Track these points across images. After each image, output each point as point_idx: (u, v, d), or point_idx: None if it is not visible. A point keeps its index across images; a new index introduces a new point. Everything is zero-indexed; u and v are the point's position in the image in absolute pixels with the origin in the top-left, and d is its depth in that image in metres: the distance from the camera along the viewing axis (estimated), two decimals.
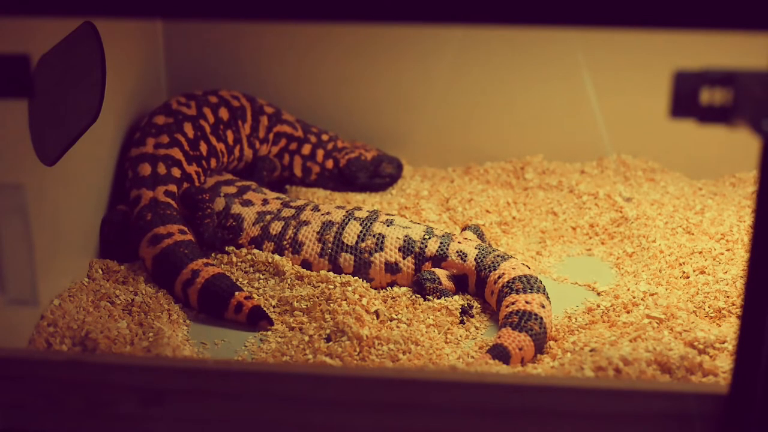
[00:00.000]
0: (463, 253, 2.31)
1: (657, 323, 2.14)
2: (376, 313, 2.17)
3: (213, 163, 2.70)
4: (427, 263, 2.33)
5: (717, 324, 2.17)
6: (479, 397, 1.49)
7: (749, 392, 1.37)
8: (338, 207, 2.48)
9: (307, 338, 2.09)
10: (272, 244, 2.43)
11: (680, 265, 2.39)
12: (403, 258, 2.34)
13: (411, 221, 2.44)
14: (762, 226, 1.31)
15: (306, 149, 2.90)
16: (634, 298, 2.25)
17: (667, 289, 2.30)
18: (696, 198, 2.81)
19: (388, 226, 2.38)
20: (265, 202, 2.54)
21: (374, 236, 2.36)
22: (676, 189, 2.87)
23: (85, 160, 2.33)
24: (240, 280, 2.35)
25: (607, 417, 1.48)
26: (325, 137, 2.94)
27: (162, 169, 2.52)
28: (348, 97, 3.05)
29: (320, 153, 2.91)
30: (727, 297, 2.22)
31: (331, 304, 2.17)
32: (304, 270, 2.38)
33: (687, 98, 1.26)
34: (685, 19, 1.21)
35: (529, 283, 2.18)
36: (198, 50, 3.05)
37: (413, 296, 2.29)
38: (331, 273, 2.35)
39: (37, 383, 1.53)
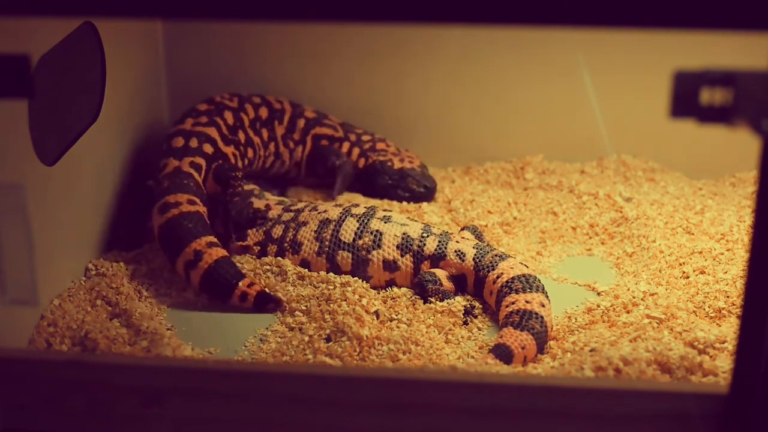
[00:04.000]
0: (462, 253, 2.29)
1: (657, 323, 2.14)
2: (376, 314, 2.17)
3: (250, 152, 2.75)
4: (425, 262, 2.32)
5: (717, 324, 2.17)
6: (479, 397, 1.49)
7: (749, 392, 1.37)
8: (336, 205, 2.47)
9: (306, 338, 2.09)
10: (275, 247, 2.43)
11: (680, 265, 2.39)
12: (402, 256, 2.32)
13: (408, 218, 2.42)
14: (762, 226, 1.31)
15: (345, 147, 2.92)
16: (634, 298, 2.25)
17: (667, 289, 2.30)
18: (696, 198, 2.81)
19: (385, 223, 2.36)
20: (267, 207, 2.53)
21: (372, 233, 2.34)
22: (676, 189, 2.87)
23: (85, 160, 2.33)
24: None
25: (607, 417, 1.48)
26: (365, 137, 2.95)
27: (194, 142, 2.57)
28: (348, 97, 3.05)
29: (355, 151, 2.93)
30: (727, 297, 2.22)
31: (331, 305, 2.17)
32: (305, 270, 2.37)
33: (687, 98, 1.26)
34: (685, 19, 1.21)
35: (528, 283, 2.17)
36: (198, 50, 3.05)
37: (413, 297, 2.28)
38: (331, 274, 2.35)
39: (37, 383, 1.53)
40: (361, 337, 2.04)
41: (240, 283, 2.24)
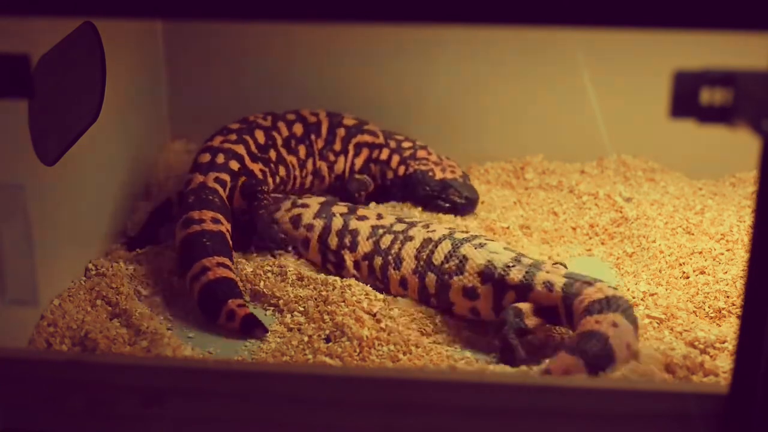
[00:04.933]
0: (550, 283, 2.08)
1: (657, 323, 2.15)
2: (375, 317, 2.16)
3: (282, 171, 2.73)
4: (510, 292, 2.13)
5: (717, 324, 2.17)
6: (479, 397, 1.49)
7: (749, 392, 1.37)
8: (448, 228, 2.35)
9: (306, 339, 2.09)
10: (380, 258, 2.34)
11: (680, 265, 2.39)
12: (482, 284, 2.16)
13: (505, 247, 2.25)
14: (762, 226, 1.31)
15: (384, 154, 2.86)
16: (634, 298, 2.25)
17: (667, 290, 2.30)
18: (696, 198, 2.81)
19: (476, 249, 2.21)
20: (379, 216, 2.45)
21: (458, 258, 2.21)
22: (676, 189, 2.87)
23: (85, 160, 2.33)
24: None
25: (607, 417, 1.48)
26: (406, 144, 2.88)
27: (220, 158, 2.58)
28: (347, 97, 3.05)
29: (396, 158, 2.85)
30: (727, 297, 2.22)
31: (330, 306, 2.17)
32: (305, 271, 2.37)
33: (687, 98, 1.26)
34: (685, 19, 1.21)
35: (607, 304, 1.96)
36: (198, 50, 3.05)
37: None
38: (331, 276, 2.33)
39: (37, 383, 1.53)
40: (361, 338, 2.04)
41: (230, 301, 2.18)
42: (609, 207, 2.76)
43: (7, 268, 1.59)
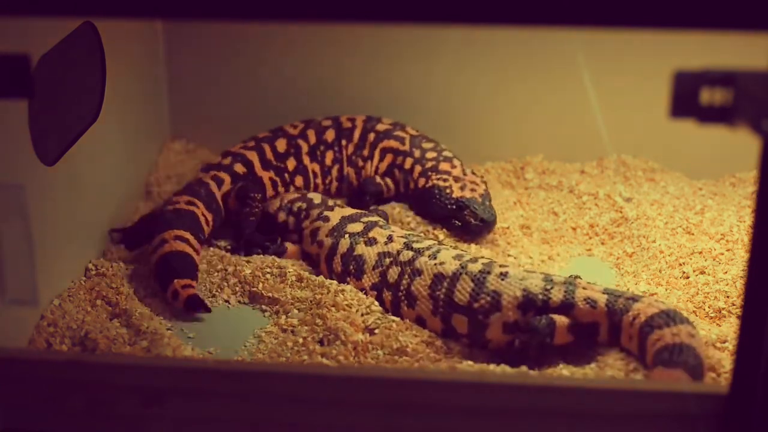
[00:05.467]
0: (592, 300, 2.02)
1: None
2: (369, 330, 2.12)
3: (298, 180, 2.77)
4: (550, 313, 2.04)
5: (717, 324, 2.17)
6: (479, 397, 1.49)
7: (749, 392, 1.37)
8: (455, 257, 2.18)
9: (300, 340, 2.09)
10: (390, 294, 2.22)
11: (680, 265, 2.39)
12: (524, 315, 2.04)
13: (526, 270, 2.15)
14: (762, 226, 1.31)
15: (407, 163, 2.79)
16: None
17: (667, 290, 2.30)
18: (696, 198, 2.81)
19: (502, 280, 2.08)
20: (389, 239, 2.32)
21: (488, 294, 2.07)
22: (676, 189, 2.87)
23: (85, 160, 2.33)
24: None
25: (607, 417, 1.48)
26: (430, 155, 2.78)
27: (227, 161, 2.69)
28: (346, 97, 3.05)
29: (417, 169, 2.76)
30: (727, 297, 2.22)
31: (321, 309, 2.17)
32: (305, 272, 2.36)
33: (687, 98, 1.26)
34: (685, 19, 1.21)
35: (670, 317, 1.93)
36: (198, 50, 3.05)
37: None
38: (328, 279, 2.31)
39: (37, 383, 1.53)
40: (356, 342, 2.03)
41: (176, 281, 2.23)
42: (609, 207, 2.76)
43: (7, 268, 1.59)
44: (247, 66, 3.06)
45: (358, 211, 2.53)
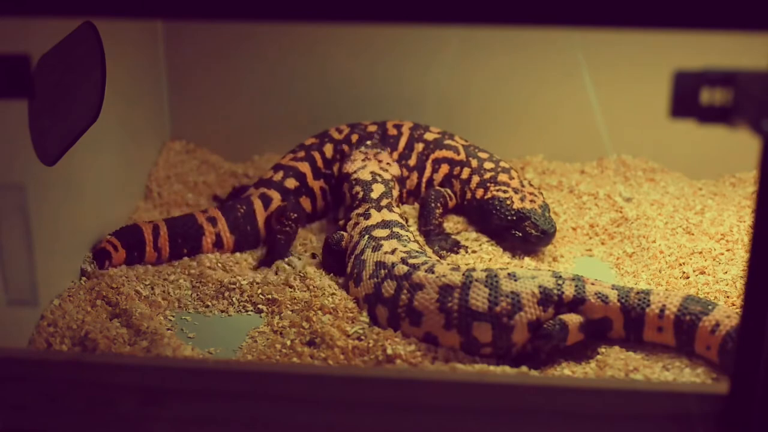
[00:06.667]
0: (603, 295, 2.05)
1: None
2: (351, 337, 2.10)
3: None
4: (563, 309, 2.05)
5: None
6: (479, 397, 1.49)
7: (749, 392, 1.37)
8: (452, 268, 2.13)
9: (288, 342, 2.08)
10: (386, 309, 2.13)
11: (680, 265, 2.39)
12: (545, 311, 2.04)
13: (529, 269, 2.17)
14: (762, 226, 1.31)
15: (465, 173, 2.74)
16: None
17: (667, 290, 2.30)
18: (696, 198, 2.81)
19: (515, 281, 2.06)
20: (392, 251, 2.24)
21: (506, 296, 2.04)
22: (676, 189, 2.87)
23: (85, 161, 2.33)
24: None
25: (607, 417, 1.48)
26: (488, 165, 2.72)
27: (278, 176, 2.71)
28: (345, 97, 3.04)
29: (475, 179, 2.70)
30: (727, 297, 2.22)
31: (309, 312, 2.16)
32: (309, 270, 2.35)
33: (687, 98, 1.26)
34: (685, 19, 1.21)
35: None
36: (198, 50, 3.05)
37: None
38: (327, 282, 2.30)
39: (37, 383, 1.53)
40: (344, 348, 2.03)
41: (108, 236, 2.39)
42: (609, 207, 2.76)
43: (7, 268, 1.59)
44: (247, 66, 3.06)
45: (400, 220, 2.45)
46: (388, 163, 2.66)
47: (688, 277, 2.34)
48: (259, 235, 2.60)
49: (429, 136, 2.82)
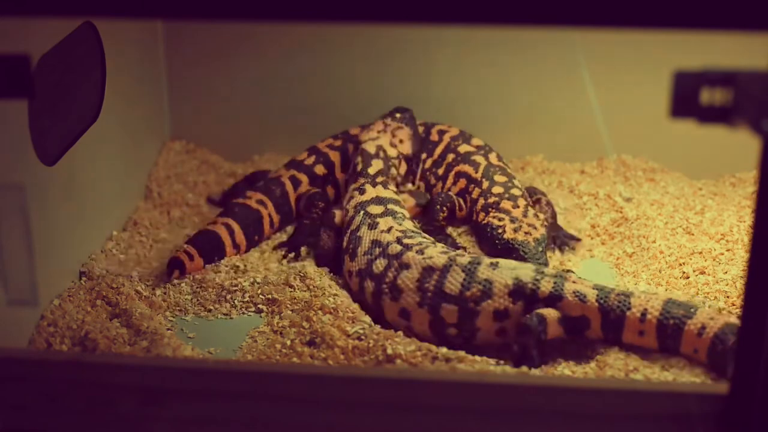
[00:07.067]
0: (581, 294, 2.05)
1: None
2: (359, 338, 2.10)
3: None
4: (539, 305, 2.06)
5: None
6: (479, 397, 1.49)
7: (749, 392, 1.37)
8: (442, 252, 2.19)
9: (288, 342, 2.08)
10: (372, 283, 2.22)
11: (680, 265, 2.39)
12: (514, 303, 2.07)
13: (518, 263, 2.18)
14: (762, 226, 1.31)
15: (475, 193, 2.70)
16: None
17: (667, 290, 2.30)
18: (696, 198, 2.81)
19: (493, 269, 2.11)
20: (388, 230, 2.31)
21: (479, 283, 2.09)
22: (676, 189, 2.87)
23: (85, 160, 2.33)
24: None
25: (607, 417, 1.48)
26: (497, 189, 2.63)
27: (310, 160, 2.76)
28: (345, 97, 3.04)
29: (480, 202, 2.65)
30: (727, 297, 2.22)
31: (309, 312, 2.16)
32: (310, 270, 2.35)
33: (687, 98, 1.26)
34: (685, 19, 1.21)
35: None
36: (198, 50, 3.05)
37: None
38: (327, 282, 2.30)
39: (37, 383, 1.53)
40: (344, 348, 2.03)
41: (186, 246, 2.40)
42: (609, 207, 2.76)
43: (7, 268, 1.59)
44: (247, 66, 3.06)
45: (394, 196, 2.51)
46: (401, 140, 2.69)
47: (688, 277, 2.34)
48: (292, 215, 2.68)
49: (462, 149, 2.79)
